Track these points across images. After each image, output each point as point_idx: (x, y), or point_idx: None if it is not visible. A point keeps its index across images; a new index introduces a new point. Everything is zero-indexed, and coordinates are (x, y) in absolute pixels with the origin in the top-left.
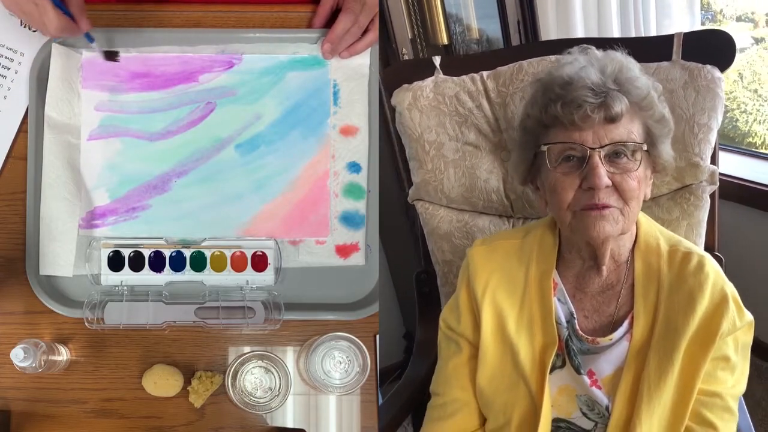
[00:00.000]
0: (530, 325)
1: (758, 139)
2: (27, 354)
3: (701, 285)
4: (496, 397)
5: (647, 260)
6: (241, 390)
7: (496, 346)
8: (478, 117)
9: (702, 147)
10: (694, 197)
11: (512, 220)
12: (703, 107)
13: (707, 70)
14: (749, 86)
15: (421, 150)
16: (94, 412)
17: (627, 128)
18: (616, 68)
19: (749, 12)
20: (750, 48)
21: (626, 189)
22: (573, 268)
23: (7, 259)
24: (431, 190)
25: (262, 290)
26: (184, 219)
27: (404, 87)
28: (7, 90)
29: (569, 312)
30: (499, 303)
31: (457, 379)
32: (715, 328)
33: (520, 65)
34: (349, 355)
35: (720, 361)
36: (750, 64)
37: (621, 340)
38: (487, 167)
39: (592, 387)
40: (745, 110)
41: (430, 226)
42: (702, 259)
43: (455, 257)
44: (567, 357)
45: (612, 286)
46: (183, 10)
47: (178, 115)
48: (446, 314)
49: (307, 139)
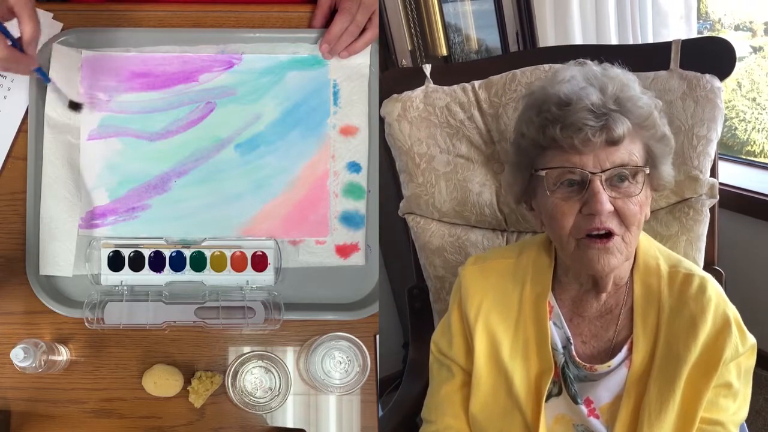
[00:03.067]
0: (525, 350)
1: (757, 148)
2: (27, 354)
3: (703, 309)
4: (490, 425)
5: (647, 282)
6: (241, 390)
7: (489, 372)
8: (469, 128)
9: (701, 160)
10: (693, 211)
11: (506, 234)
12: (702, 119)
13: (706, 79)
14: (747, 95)
15: (411, 163)
16: (94, 412)
17: (628, 150)
18: (616, 88)
19: (747, 21)
20: (748, 57)
21: (628, 214)
22: (570, 291)
23: (7, 259)
24: (422, 204)
25: (262, 290)
26: (184, 219)
27: (393, 97)
28: (7, 90)
29: (565, 337)
30: (492, 327)
31: (449, 406)
32: (717, 355)
33: (513, 74)
34: (349, 355)
35: (722, 388)
36: (748, 73)
37: (620, 366)
38: (479, 180)
39: (590, 417)
40: (743, 119)
41: (421, 241)
42: (703, 281)
43: (447, 273)
44: (563, 384)
45: (611, 309)
46: (183, 10)
47: (177, 114)
48: (438, 337)
49: (306, 139)
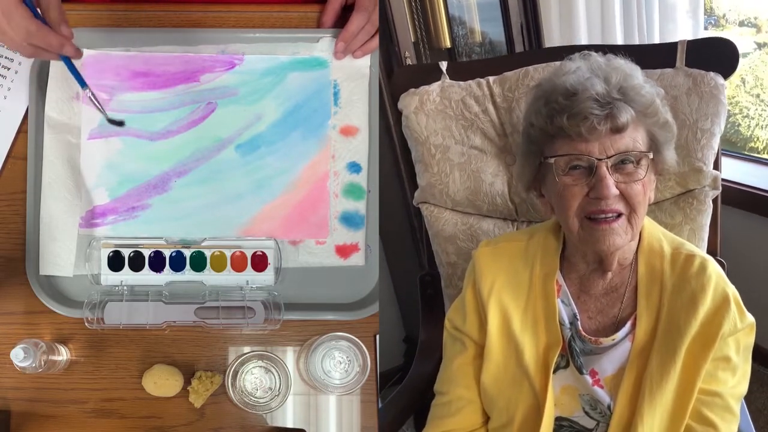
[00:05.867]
0: (534, 325)
1: (760, 144)
2: (27, 354)
3: (703, 287)
4: (500, 394)
5: (651, 263)
6: (241, 390)
7: (501, 344)
8: (483, 121)
9: (705, 152)
10: (697, 202)
11: (516, 223)
12: (706, 113)
13: (710, 77)
14: (751, 91)
15: (427, 153)
16: (94, 412)
17: (632, 137)
18: (620, 77)
19: (752, 17)
20: (753, 53)
21: (632, 195)
22: (577, 270)
23: (7, 259)
24: (437, 193)
25: (262, 290)
26: (184, 219)
27: (411, 91)
28: (7, 90)
29: (572, 313)
30: (504, 303)
31: (461, 377)
32: (716, 329)
33: (526, 71)
34: (349, 355)
35: (721, 361)
36: (752, 69)
37: (623, 340)
38: (492, 171)
39: (594, 386)
40: (747, 115)
41: (435, 229)
42: (704, 261)
43: (460, 259)
44: (570, 357)
45: (616, 288)
46: (183, 10)
47: (178, 114)
48: (452, 314)
49: (307, 140)
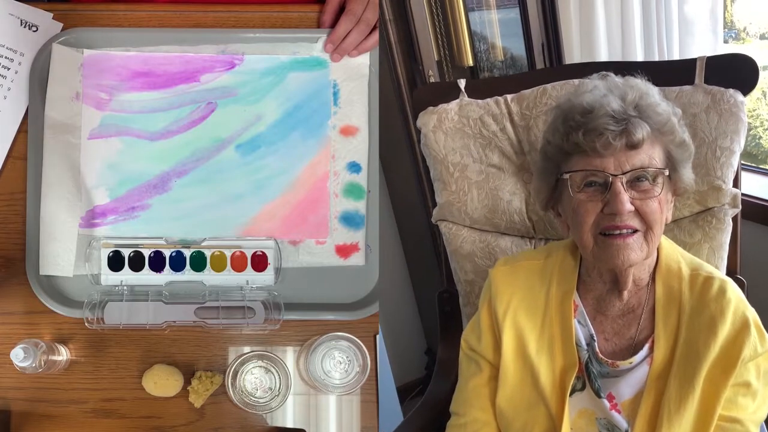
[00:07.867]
0: (551, 346)
1: None
2: (27, 354)
3: (723, 310)
4: (516, 417)
5: (668, 284)
6: (241, 390)
7: (516, 366)
8: (501, 139)
9: (724, 170)
10: (716, 220)
11: (534, 241)
12: (725, 131)
13: (730, 93)
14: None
15: (445, 171)
16: (94, 412)
17: (648, 154)
18: (636, 95)
19: None
20: None
21: (648, 212)
22: (594, 290)
23: (7, 259)
24: (455, 211)
25: (262, 290)
26: (184, 219)
27: (429, 110)
28: (7, 90)
29: (589, 334)
30: (520, 324)
31: (477, 399)
32: (736, 354)
33: (544, 89)
34: (349, 355)
35: (741, 387)
36: None
37: (641, 363)
38: (510, 189)
39: (612, 411)
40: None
41: (453, 246)
42: (723, 283)
43: (477, 277)
44: (587, 380)
45: (633, 309)
46: (183, 10)
47: (178, 114)
48: (467, 334)
49: (307, 140)
